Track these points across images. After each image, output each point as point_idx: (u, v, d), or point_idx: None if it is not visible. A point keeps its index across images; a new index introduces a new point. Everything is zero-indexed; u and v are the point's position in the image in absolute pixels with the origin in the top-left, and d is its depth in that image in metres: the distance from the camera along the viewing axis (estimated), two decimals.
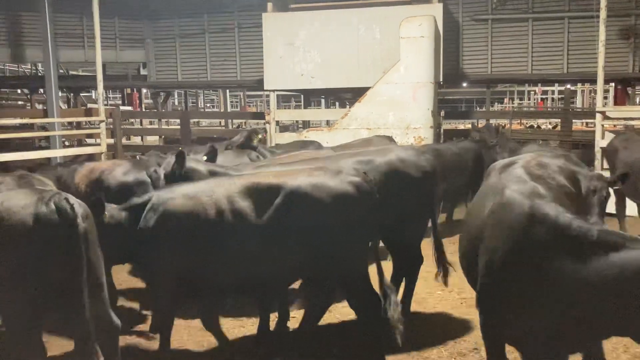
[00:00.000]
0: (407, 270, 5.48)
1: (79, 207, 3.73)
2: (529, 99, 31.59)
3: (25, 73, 24.65)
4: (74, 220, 3.62)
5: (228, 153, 7.39)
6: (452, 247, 5.85)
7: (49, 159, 11.53)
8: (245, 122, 24.42)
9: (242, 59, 16.37)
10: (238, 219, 4.10)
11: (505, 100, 34.62)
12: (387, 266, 5.17)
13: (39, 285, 3.63)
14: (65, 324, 4.86)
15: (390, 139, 9.09)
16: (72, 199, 3.74)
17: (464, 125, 21.80)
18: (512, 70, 14.87)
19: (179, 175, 5.23)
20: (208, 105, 35.27)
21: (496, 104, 35.38)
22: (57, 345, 4.86)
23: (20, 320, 3.70)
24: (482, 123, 19.60)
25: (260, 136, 8.53)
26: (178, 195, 4.26)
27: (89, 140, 15.65)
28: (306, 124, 20.11)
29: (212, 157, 5.70)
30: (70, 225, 3.62)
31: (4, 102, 25.23)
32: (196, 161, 5.50)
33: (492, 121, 16.89)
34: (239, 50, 16.38)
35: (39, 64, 20.95)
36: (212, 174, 5.19)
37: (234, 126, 22.67)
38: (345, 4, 12.11)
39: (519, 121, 18.83)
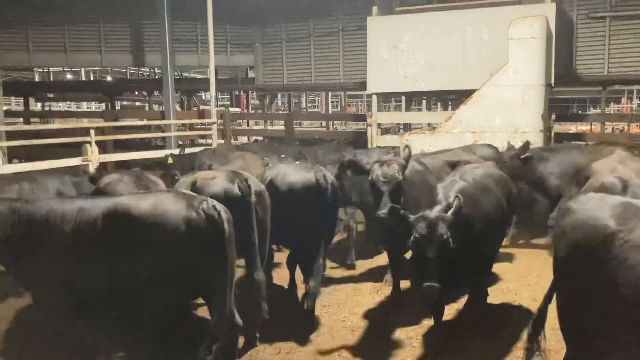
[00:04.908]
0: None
1: (225, 213, 3.99)
2: None
3: (144, 75, 26.52)
4: (222, 226, 3.90)
5: None
6: None
7: None
8: (345, 123, 24.73)
9: (345, 62, 16.58)
10: None
11: (623, 99, 32.26)
12: None
13: (185, 284, 3.92)
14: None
15: (492, 147, 8.83)
16: (219, 206, 4.01)
17: (575, 128, 20.62)
18: (631, 71, 13.86)
19: None
20: (310, 105, 36.00)
21: (612, 103, 33.00)
22: None
23: (164, 313, 4.03)
24: (596, 126, 18.53)
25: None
26: None
27: (200, 140, 16.57)
28: (407, 126, 19.99)
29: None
30: (218, 231, 3.90)
31: (124, 102, 27.35)
32: None
33: (608, 124, 15.91)
34: (342, 53, 16.62)
35: (156, 68, 22.45)
36: None
37: (334, 127, 23.01)
38: (451, 6, 11.93)
39: (638, 124, 17.51)
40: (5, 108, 16.43)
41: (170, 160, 9.33)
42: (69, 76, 29.81)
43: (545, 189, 7.96)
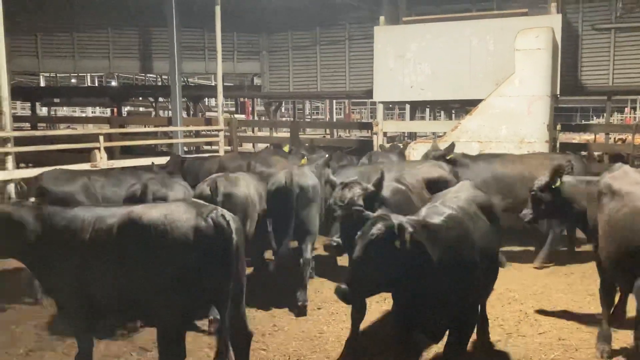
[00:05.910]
0: None
1: (234, 222, 4.03)
2: None
3: (150, 81, 26.66)
4: (230, 235, 3.93)
5: None
6: None
7: None
8: (349, 131, 24.79)
9: (351, 70, 16.71)
10: None
11: (626, 109, 32.35)
12: None
13: (193, 292, 3.94)
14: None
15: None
16: (228, 215, 4.04)
17: (579, 137, 20.64)
18: (636, 81, 13.96)
19: None
20: (314, 112, 36.11)
21: (615, 113, 33.03)
22: None
23: (175, 322, 4.01)
24: (600, 137, 18.57)
25: None
26: None
27: (205, 147, 16.64)
28: (411, 135, 20.07)
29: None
30: (226, 240, 3.92)
31: (131, 108, 27.49)
32: None
33: (612, 135, 15.95)
34: (348, 61, 16.74)
35: (163, 74, 22.57)
36: None
37: (337, 135, 23.08)
38: (458, 16, 12.04)
39: None
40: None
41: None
42: (74, 81, 29.94)
43: None
